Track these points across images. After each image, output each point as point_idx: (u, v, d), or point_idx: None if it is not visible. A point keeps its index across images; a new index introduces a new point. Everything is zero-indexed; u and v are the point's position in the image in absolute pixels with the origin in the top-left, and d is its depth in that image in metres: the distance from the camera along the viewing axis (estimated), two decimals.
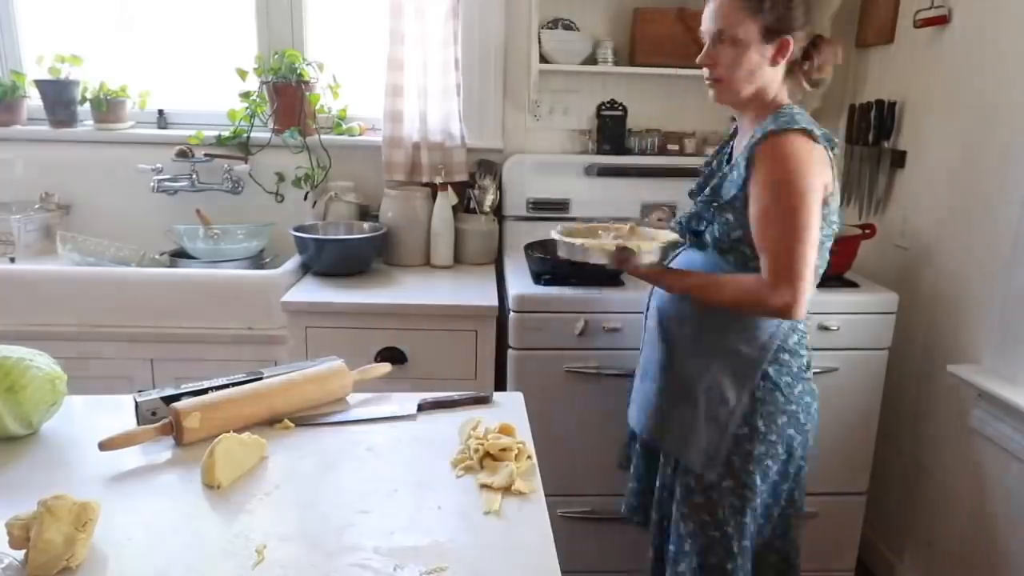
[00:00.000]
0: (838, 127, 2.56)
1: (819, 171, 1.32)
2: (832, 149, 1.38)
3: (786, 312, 1.30)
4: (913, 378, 2.19)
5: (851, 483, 2.17)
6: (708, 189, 1.48)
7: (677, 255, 1.64)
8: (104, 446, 1.03)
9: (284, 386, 1.21)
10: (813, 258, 1.31)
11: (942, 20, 2.04)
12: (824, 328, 2.04)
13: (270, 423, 1.17)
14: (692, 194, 1.60)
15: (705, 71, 1.44)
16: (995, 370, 1.85)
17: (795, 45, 1.38)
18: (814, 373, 2.04)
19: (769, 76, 1.41)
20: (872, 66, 2.43)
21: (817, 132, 1.35)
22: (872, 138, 2.32)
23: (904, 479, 2.24)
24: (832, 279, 2.15)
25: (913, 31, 2.16)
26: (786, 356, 1.43)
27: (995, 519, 1.86)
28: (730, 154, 1.56)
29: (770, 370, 1.42)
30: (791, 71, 1.44)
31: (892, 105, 2.27)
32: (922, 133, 2.18)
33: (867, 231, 2.16)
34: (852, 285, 2.14)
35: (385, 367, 1.39)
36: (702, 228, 1.49)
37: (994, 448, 1.85)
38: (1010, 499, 1.81)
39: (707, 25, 1.42)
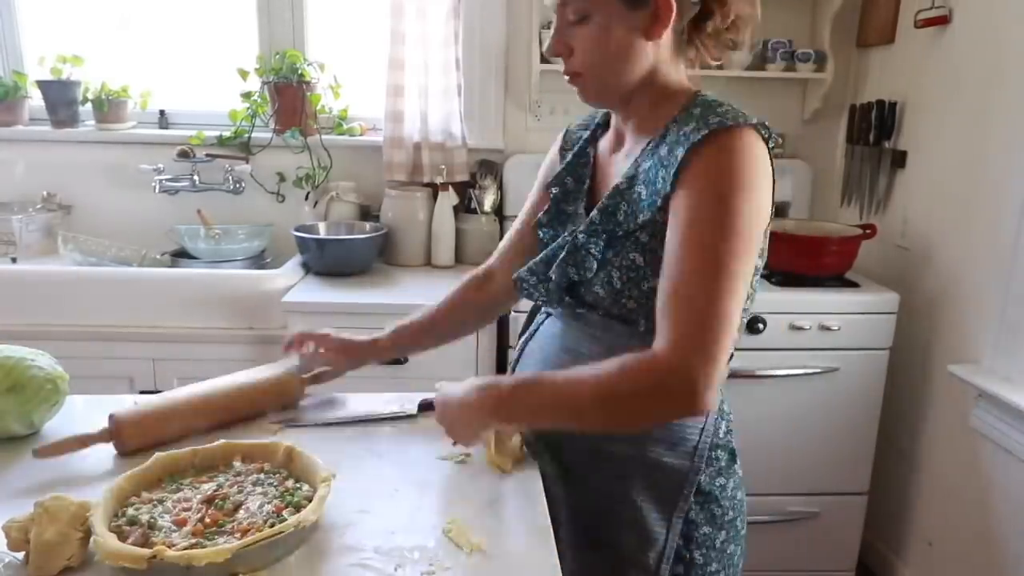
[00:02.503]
0: (839, 127, 2.56)
1: (767, 185, 0.93)
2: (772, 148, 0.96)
3: (693, 398, 0.82)
4: (913, 378, 2.19)
5: (851, 483, 2.17)
6: (597, 213, 0.99)
7: (528, 340, 1.16)
8: (38, 454, 1.00)
9: (229, 393, 1.16)
10: (736, 322, 0.86)
11: (943, 20, 2.04)
12: (824, 328, 2.04)
13: (212, 431, 1.10)
14: (541, 226, 1.12)
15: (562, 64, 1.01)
16: (995, 370, 1.85)
17: (677, 5, 0.94)
18: (816, 373, 2.07)
19: (651, 56, 0.97)
20: (873, 66, 2.43)
21: (766, 124, 0.94)
22: (873, 138, 2.32)
23: (904, 479, 2.24)
24: (833, 279, 2.16)
25: (914, 31, 2.16)
26: (718, 452, 1.03)
27: (995, 519, 1.86)
28: (592, 162, 1.12)
29: (702, 479, 1.00)
30: (685, 42, 1.00)
31: (893, 105, 2.27)
32: (923, 133, 2.18)
33: (868, 231, 2.16)
34: (853, 285, 2.14)
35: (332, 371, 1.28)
36: (587, 276, 0.98)
37: (994, 448, 1.85)
38: (1010, 499, 1.81)
39: None
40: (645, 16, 0.94)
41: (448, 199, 2.34)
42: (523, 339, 1.20)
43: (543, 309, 1.16)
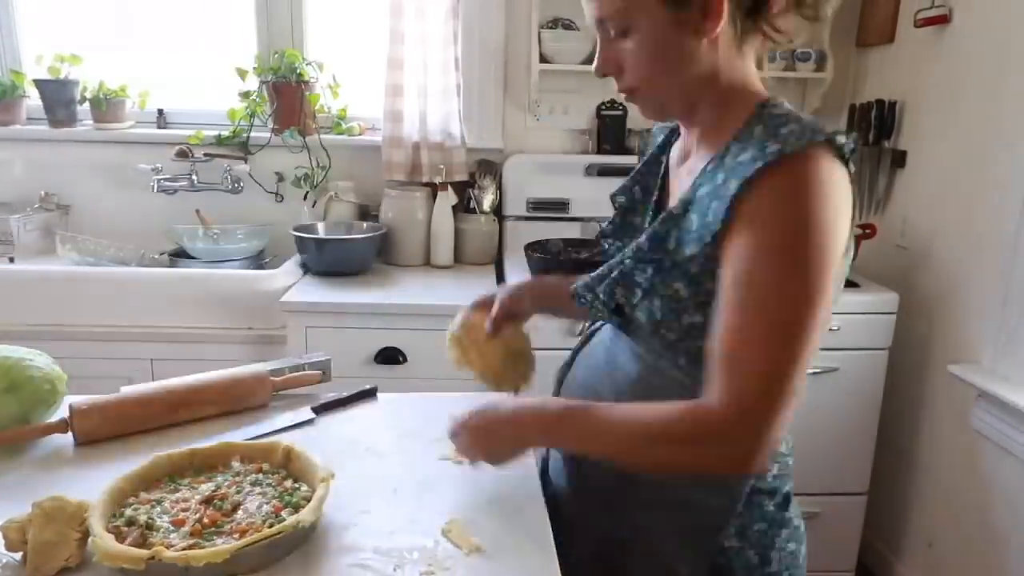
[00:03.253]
0: (838, 127, 2.56)
1: (846, 216, 0.81)
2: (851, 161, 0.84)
3: (747, 459, 0.77)
4: (913, 378, 2.19)
5: (851, 483, 2.17)
6: (645, 239, 0.90)
7: (587, 340, 1.10)
8: None
9: (192, 389, 1.16)
10: (803, 374, 0.79)
11: (942, 19, 2.04)
12: None
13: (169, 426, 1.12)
14: (604, 236, 1.06)
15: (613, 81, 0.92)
16: (995, 370, 1.85)
17: None
18: (816, 373, 2.06)
19: (711, 57, 0.87)
20: (872, 66, 2.43)
21: (841, 141, 0.82)
22: (872, 138, 2.32)
23: (904, 479, 2.24)
24: None
25: (913, 31, 2.16)
26: (762, 498, 0.93)
27: (995, 519, 1.86)
28: (664, 176, 1.02)
29: (741, 522, 0.92)
30: (749, 30, 0.89)
31: (892, 105, 2.27)
32: (922, 133, 2.18)
33: (867, 231, 2.16)
34: (852, 285, 2.14)
35: (313, 376, 1.28)
36: (632, 301, 0.91)
37: (994, 448, 1.85)
38: (1010, 499, 1.81)
39: (587, 10, 0.91)
40: (693, 14, 0.84)
41: (447, 199, 2.34)
42: (577, 343, 1.13)
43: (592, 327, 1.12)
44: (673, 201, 0.95)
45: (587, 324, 1.17)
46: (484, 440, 0.94)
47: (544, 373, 1.18)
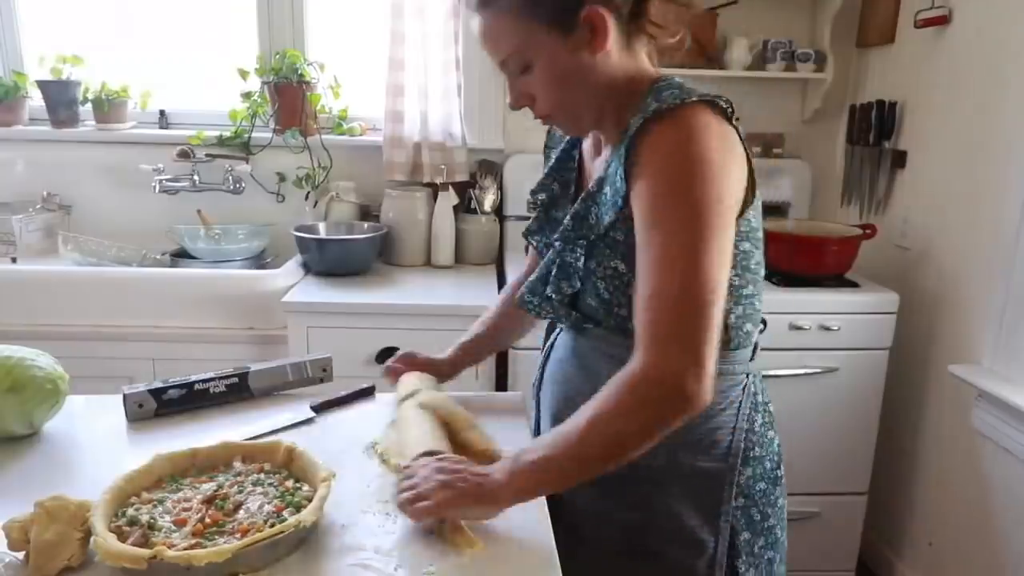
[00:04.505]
0: (839, 127, 2.56)
1: (732, 162, 0.87)
2: (737, 120, 0.91)
3: (685, 400, 0.80)
4: (913, 378, 2.19)
5: (852, 483, 2.18)
6: (568, 219, 0.97)
7: (547, 357, 1.13)
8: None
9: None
10: (719, 309, 0.82)
11: (942, 20, 2.04)
12: (825, 328, 2.04)
13: None
14: (531, 233, 1.11)
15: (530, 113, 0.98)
16: (995, 370, 1.85)
17: (608, 8, 0.90)
18: (816, 373, 2.07)
19: (607, 65, 0.93)
20: (873, 66, 2.43)
21: (721, 102, 0.88)
22: (873, 138, 2.32)
23: (905, 479, 2.24)
24: (833, 279, 2.16)
25: (914, 31, 2.16)
26: (757, 451, 0.99)
27: (996, 519, 1.86)
28: (579, 169, 1.08)
29: (743, 481, 0.98)
30: (633, 32, 0.95)
31: (893, 105, 2.27)
32: (923, 133, 2.18)
33: (868, 231, 2.16)
34: (853, 285, 2.14)
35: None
36: (576, 287, 0.97)
37: (995, 448, 1.85)
38: (1010, 499, 1.81)
39: (492, 58, 0.96)
40: (583, 35, 0.90)
41: (448, 199, 2.34)
42: (541, 360, 1.16)
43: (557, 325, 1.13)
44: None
45: (543, 340, 1.20)
46: (451, 502, 0.86)
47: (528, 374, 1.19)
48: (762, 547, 1.01)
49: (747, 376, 1.00)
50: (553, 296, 0.99)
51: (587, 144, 1.08)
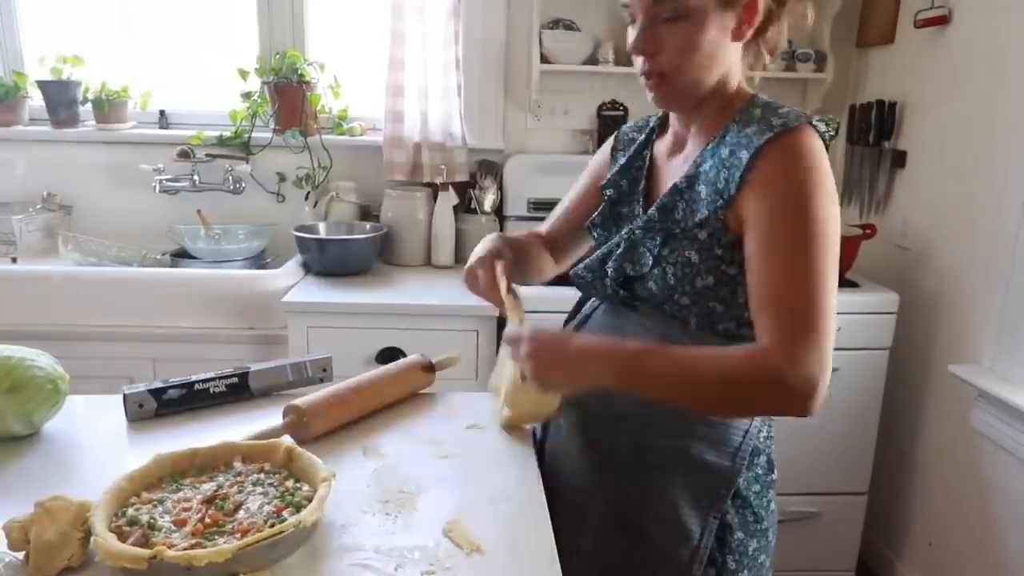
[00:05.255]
0: (838, 127, 2.56)
1: (834, 187, 0.92)
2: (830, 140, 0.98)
3: (808, 396, 0.83)
4: (913, 378, 2.19)
5: (851, 483, 2.18)
6: (655, 210, 1.00)
7: (583, 323, 1.14)
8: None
9: (374, 381, 1.21)
10: (834, 316, 0.87)
11: (942, 20, 2.04)
12: None
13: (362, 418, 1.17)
14: (594, 226, 1.14)
15: (639, 63, 0.99)
16: (995, 370, 1.86)
17: (763, 4, 0.96)
18: None
19: (729, 59, 0.99)
20: (873, 66, 2.43)
21: (822, 128, 0.95)
22: (872, 138, 2.32)
23: (904, 479, 2.25)
24: None
25: (913, 31, 2.16)
26: (760, 458, 1.02)
27: (995, 519, 1.86)
28: (646, 166, 1.11)
29: (740, 482, 1.00)
30: (751, 44, 1.03)
31: (892, 105, 2.27)
32: (922, 133, 2.18)
33: (867, 231, 2.16)
34: (853, 285, 2.14)
35: (455, 356, 1.38)
36: (642, 271, 1.00)
37: (994, 448, 1.85)
38: (1010, 498, 1.81)
39: None
40: (734, 16, 0.95)
41: (448, 199, 2.34)
42: (572, 326, 1.17)
43: (592, 300, 1.16)
44: (664, 187, 1.04)
45: (576, 307, 1.22)
46: (553, 363, 0.95)
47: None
48: (756, 549, 1.03)
49: None
50: (609, 274, 1.03)
51: (661, 148, 1.11)
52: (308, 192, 2.48)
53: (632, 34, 0.98)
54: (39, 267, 2.15)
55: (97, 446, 1.10)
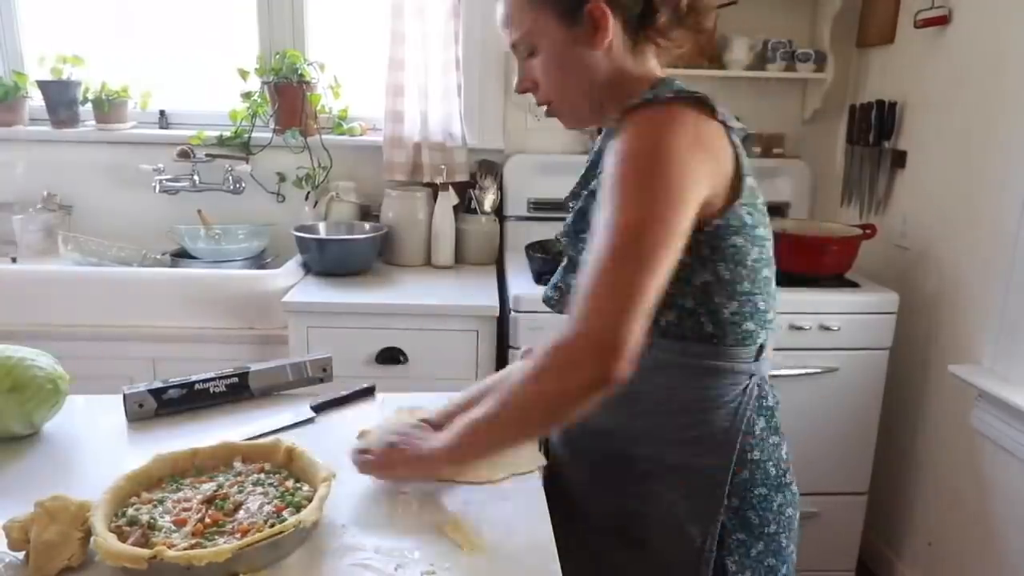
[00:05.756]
0: (839, 127, 2.56)
1: (703, 158, 0.87)
2: (735, 134, 0.94)
3: (601, 363, 0.79)
4: (913, 378, 2.19)
5: (852, 483, 2.17)
6: (571, 217, 1.03)
7: None
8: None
9: None
10: (653, 285, 0.81)
11: (942, 20, 2.04)
12: (825, 328, 2.04)
13: None
14: (560, 238, 1.14)
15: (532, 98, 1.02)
16: (995, 370, 1.86)
17: (614, 9, 0.94)
18: (815, 373, 2.07)
19: (608, 63, 0.97)
20: (873, 66, 2.43)
21: (714, 106, 0.92)
22: (872, 138, 2.32)
23: (904, 479, 2.25)
24: (833, 279, 2.16)
25: (914, 31, 2.16)
26: (756, 455, 0.99)
27: (995, 519, 1.86)
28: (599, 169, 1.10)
29: (736, 481, 0.98)
30: (640, 40, 0.98)
31: (892, 105, 2.27)
32: (923, 133, 2.18)
33: (867, 231, 2.16)
34: (853, 285, 2.14)
35: None
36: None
37: (994, 448, 1.85)
38: (1010, 499, 1.81)
39: (505, 41, 1.01)
40: (585, 30, 0.95)
41: (448, 199, 2.34)
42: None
43: None
44: None
45: None
46: (395, 468, 0.98)
47: None
48: (761, 552, 1.01)
49: (749, 377, 0.98)
50: (565, 291, 1.04)
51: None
52: (308, 192, 2.47)
53: (517, 76, 1.03)
54: (39, 267, 2.15)
55: (97, 446, 1.10)
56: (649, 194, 0.83)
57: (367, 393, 1.29)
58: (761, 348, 0.99)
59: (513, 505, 0.96)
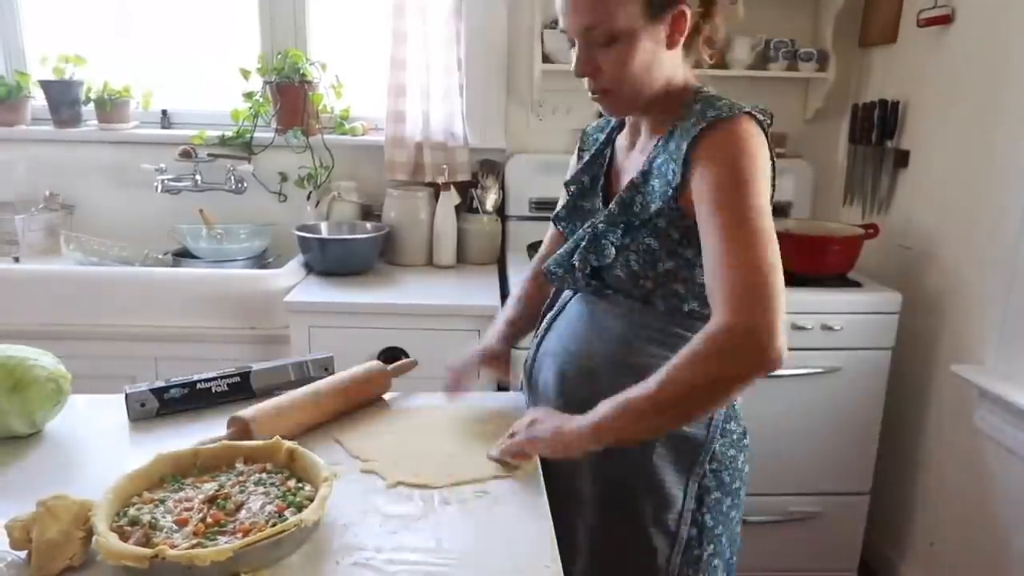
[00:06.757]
0: (841, 127, 2.56)
1: (767, 166, 0.99)
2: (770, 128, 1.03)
3: (763, 351, 0.86)
4: (916, 378, 2.18)
5: (854, 483, 2.17)
6: (615, 205, 1.08)
7: (561, 310, 1.21)
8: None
9: (335, 388, 1.20)
10: (782, 280, 0.91)
11: (945, 19, 2.03)
12: (827, 328, 2.04)
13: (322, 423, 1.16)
14: (559, 219, 1.23)
15: (585, 81, 1.07)
16: (998, 370, 1.85)
17: (691, 11, 1.02)
18: (818, 373, 2.06)
19: (669, 63, 1.05)
20: (875, 65, 2.43)
21: (759, 115, 1.00)
22: (875, 138, 2.32)
23: (907, 479, 2.24)
24: (835, 279, 2.16)
25: (916, 30, 2.15)
26: (732, 424, 1.11)
27: (998, 519, 1.86)
28: (608, 166, 1.20)
29: (716, 447, 1.08)
30: (689, 46, 1.08)
31: (895, 105, 2.27)
32: (925, 133, 2.18)
33: (870, 231, 2.16)
34: (855, 285, 2.14)
35: (412, 363, 1.40)
36: (606, 261, 1.07)
37: (997, 448, 1.84)
38: (1013, 499, 1.80)
39: (572, 20, 1.02)
40: (664, 26, 1.01)
41: (450, 199, 2.34)
42: (550, 316, 1.23)
43: (566, 292, 1.22)
44: (623, 181, 1.12)
45: (554, 299, 1.28)
46: (556, 443, 0.99)
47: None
48: (729, 506, 1.12)
49: None
50: (577, 266, 1.09)
51: (621, 142, 1.19)
52: (310, 192, 2.48)
53: (573, 57, 1.05)
54: (41, 267, 2.15)
55: (99, 445, 1.10)
56: (757, 205, 0.93)
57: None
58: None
59: (513, 503, 0.96)
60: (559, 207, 1.24)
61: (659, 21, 1.00)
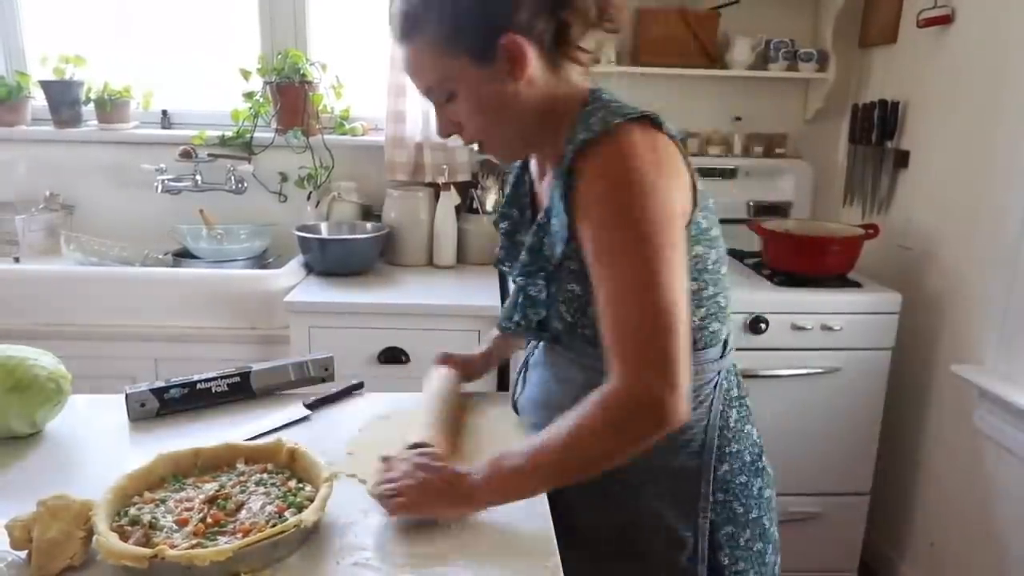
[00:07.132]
0: (841, 127, 2.56)
1: (670, 173, 0.87)
2: (679, 140, 0.92)
3: (663, 416, 0.81)
4: (916, 378, 2.18)
5: (854, 483, 2.17)
6: (525, 254, 0.99)
7: (526, 364, 1.17)
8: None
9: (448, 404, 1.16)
10: (685, 326, 0.83)
11: (945, 19, 2.03)
12: (827, 328, 2.04)
13: None
14: (500, 262, 1.14)
15: (458, 140, 1.01)
16: (998, 370, 1.85)
17: (529, 37, 0.90)
18: (818, 373, 2.07)
19: (532, 91, 0.93)
20: (875, 66, 2.43)
21: (661, 121, 0.90)
22: (875, 138, 2.32)
23: (907, 479, 2.24)
24: (835, 279, 2.16)
25: (916, 31, 2.16)
26: (734, 447, 1.01)
27: (998, 519, 1.86)
28: (531, 193, 1.11)
29: (718, 475, 0.99)
30: (557, 59, 0.94)
31: (895, 105, 2.27)
32: (925, 133, 2.18)
33: (870, 231, 2.16)
34: (855, 285, 2.14)
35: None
36: (541, 314, 1.00)
37: (997, 448, 1.84)
38: (1013, 499, 1.80)
39: (415, 86, 0.98)
40: (501, 65, 0.90)
41: (450, 199, 2.34)
42: (524, 359, 1.19)
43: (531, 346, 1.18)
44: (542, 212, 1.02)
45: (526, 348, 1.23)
46: (425, 502, 0.89)
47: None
48: (749, 539, 1.02)
49: (718, 374, 1.01)
50: (520, 321, 1.03)
51: (533, 166, 1.10)
52: (310, 192, 2.48)
53: (436, 121, 1.00)
54: (42, 267, 2.15)
55: (99, 445, 1.10)
56: (645, 241, 0.83)
57: (356, 388, 1.30)
58: (726, 343, 1.02)
59: (514, 505, 0.95)
60: (498, 248, 1.14)
61: (488, 62, 0.90)
